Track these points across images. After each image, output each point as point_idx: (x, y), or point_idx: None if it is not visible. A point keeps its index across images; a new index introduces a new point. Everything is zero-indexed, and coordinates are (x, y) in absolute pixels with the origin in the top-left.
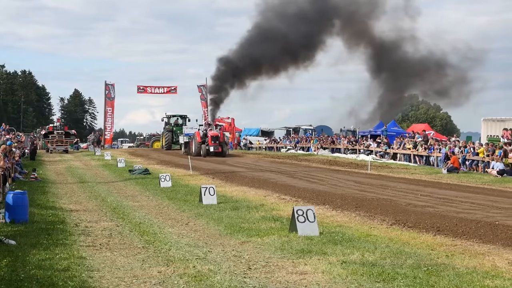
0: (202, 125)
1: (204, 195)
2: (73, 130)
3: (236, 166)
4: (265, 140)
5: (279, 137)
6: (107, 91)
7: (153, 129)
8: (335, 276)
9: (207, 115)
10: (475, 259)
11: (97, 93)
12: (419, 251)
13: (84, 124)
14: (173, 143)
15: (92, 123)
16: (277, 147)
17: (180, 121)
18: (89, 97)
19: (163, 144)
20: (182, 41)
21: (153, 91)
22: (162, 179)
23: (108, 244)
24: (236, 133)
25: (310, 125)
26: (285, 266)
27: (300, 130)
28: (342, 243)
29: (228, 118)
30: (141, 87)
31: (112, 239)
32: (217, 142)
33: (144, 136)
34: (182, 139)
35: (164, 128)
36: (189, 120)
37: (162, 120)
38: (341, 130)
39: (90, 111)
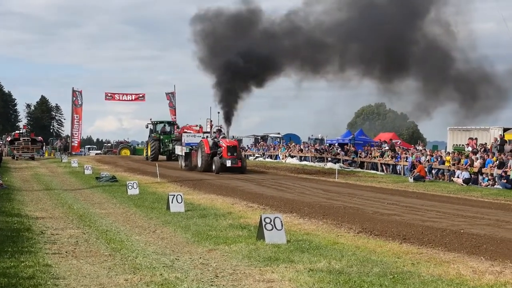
0: (207, 132)
1: (172, 202)
2: (39, 137)
3: (204, 174)
4: None
5: (247, 145)
6: (74, 98)
7: (121, 136)
8: (302, 284)
9: (210, 122)
10: (441, 267)
11: (64, 100)
12: (385, 259)
13: (51, 131)
14: (160, 153)
15: (59, 130)
16: (245, 155)
17: (168, 128)
18: (56, 104)
19: (148, 155)
20: (151, 48)
21: (121, 98)
22: (130, 187)
23: (74, 251)
24: None
25: (278, 133)
26: (252, 274)
27: (268, 138)
28: (309, 251)
29: (197, 125)
30: (109, 94)
31: (79, 247)
32: (235, 154)
33: (112, 143)
34: (180, 150)
35: (149, 136)
36: (178, 127)
37: (147, 127)
38: (309, 139)
39: (57, 117)
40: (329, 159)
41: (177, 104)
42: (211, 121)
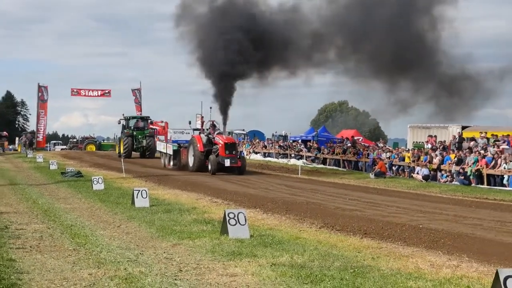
0: (197, 129)
1: (137, 198)
2: (4, 132)
3: (169, 170)
4: None
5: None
6: (40, 93)
7: (87, 132)
8: (265, 278)
9: (201, 118)
10: (400, 261)
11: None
12: (346, 254)
13: (16, 126)
14: (133, 150)
15: (25, 125)
16: None
17: (141, 123)
18: (22, 99)
19: (121, 151)
20: (118, 45)
21: (87, 94)
22: (95, 182)
23: (39, 246)
24: None
25: (243, 130)
26: (216, 268)
27: (233, 134)
28: (272, 246)
29: (162, 122)
30: (75, 90)
31: (43, 242)
32: (233, 152)
33: (77, 138)
34: (163, 147)
35: (122, 132)
36: (151, 123)
37: (119, 123)
38: (273, 135)
39: (22, 113)
40: (292, 155)
41: (143, 101)
42: (202, 116)
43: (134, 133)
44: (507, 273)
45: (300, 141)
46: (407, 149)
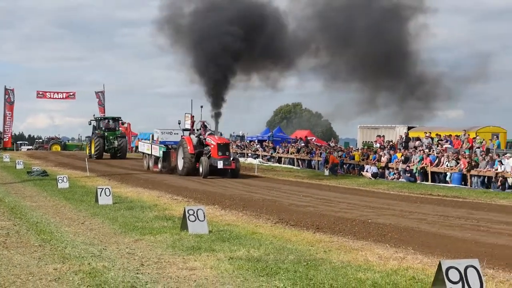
0: (187, 130)
1: (100, 195)
2: None
3: (132, 169)
4: None
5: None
6: (6, 96)
7: (52, 133)
8: (223, 271)
9: (191, 118)
10: (350, 254)
11: None
12: (300, 247)
13: None
14: (104, 151)
15: None
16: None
17: (112, 124)
18: None
19: (92, 152)
20: (82, 49)
21: (52, 96)
22: (60, 180)
23: (5, 242)
24: (132, 137)
25: None
26: (176, 262)
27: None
28: (230, 241)
29: (125, 123)
30: (40, 92)
31: (9, 238)
32: (227, 153)
33: (43, 139)
34: (147, 148)
35: (93, 133)
36: (122, 123)
37: (90, 124)
38: (230, 135)
39: None
40: (249, 154)
41: (106, 103)
42: (192, 116)
43: (105, 133)
44: (449, 264)
45: (256, 141)
46: (357, 149)
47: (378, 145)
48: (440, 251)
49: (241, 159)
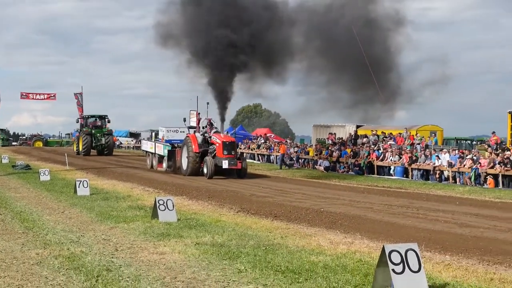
0: (193, 127)
1: (79, 187)
2: None
3: (108, 163)
4: (133, 140)
5: (145, 138)
6: None
7: (35, 130)
8: (190, 256)
9: (197, 115)
10: (304, 239)
11: None
12: (259, 234)
13: None
14: (92, 147)
15: None
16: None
17: (99, 122)
18: None
19: (80, 149)
20: (62, 54)
21: (34, 97)
22: (42, 174)
23: None
24: None
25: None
26: (147, 247)
27: None
28: (196, 228)
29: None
30: (24, 94)
31: None
32: (233, 152)
33: (27, 136)
34: (150, 147)
35: (81, 131)
36: (109, 121)
37: (77, 122)
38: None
39: None
40: None
41: (84, 103)
42: (198, 113)
43: (93, 131)
44: (391, 248)
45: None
46: (311, 145)
47: (330, 141)
48: (384, 236)
49: None
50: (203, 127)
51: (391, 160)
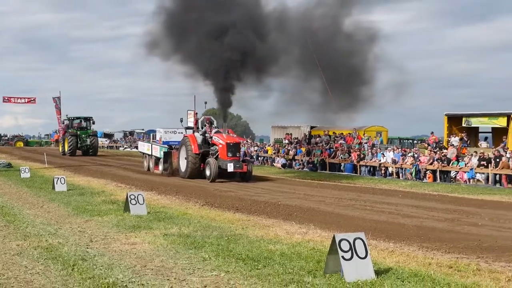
0: (190, 128)
1: (56, 183)
2: None
3: (84, 162)
4: (107, 141)
5: (118, 138)
6: None
7: (16, 131)
8: (158, 246)
9: (195, 115)
10: (263, 230)
11: None
12: (223, 225)
13: None
14: (77, 148)
15: None
16: (116, 146)
17: (84, 123)
18: None
19: (66, 150)
20: (41, 61)
21: (16, 101)
22: (22, 171)
23: None
24: None
25: (143, 129)
26: (120, 238)
27: (135, 133)
28: (165, 220)
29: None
30: (6, 98)
31: None
32: (237, 154)
33: (8, 136)
34: (147, 148)
35: (66, 132)
36: (93, 123)
37: (63, 123)
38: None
39: None
40: None
41: (62, 106)
42: (196, 113)
43: (78, 132)
44: (341, 237)
45: None
46: (269, 144)
47: (286, 141)
48: (335, 226)
49: None
50: (202, 126)
51: (341, 158)
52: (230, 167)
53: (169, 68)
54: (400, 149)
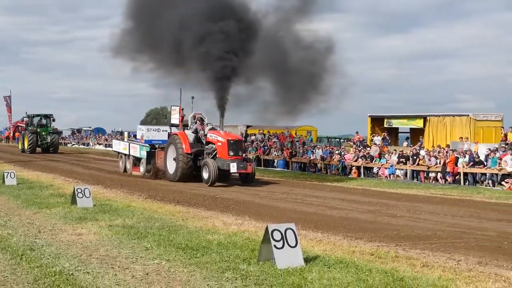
0: (175, 125)
1: (6, 178)
2: None
3: (33, 157)
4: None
5: (66, 136)
6: None
7: None
8: (103, 236)
9: (180, 111)
10: (202, 221)
11: None
12: (164, 217)
13: None
14: (37, 146)
15: None
16: (64, 143)
17: (44, 121)
18: None
19: (26, 147)
20: None
21: None
22: None
23: None
24: None
25: (89, 127)
26: (67, 229)
27: (82, 130)
28: (110, 212)
29: (23, 120)
30: None
31: None
32: (240, 153)
33: None
34: (123, 147)
35: (26, 129)
36: (53, 120)
37: (23, 120)
38: (112, 131)
39: None
40: None
41: (12, 105)
42: (181, 108)
43: (38, 130)
44: (273, 227)
45: (132, 135)
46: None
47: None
48: (269, 218)
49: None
50: (192, 123)
51: (275, 155)
52: (233, 168)
53: (136, 67)
54: (328, 147)
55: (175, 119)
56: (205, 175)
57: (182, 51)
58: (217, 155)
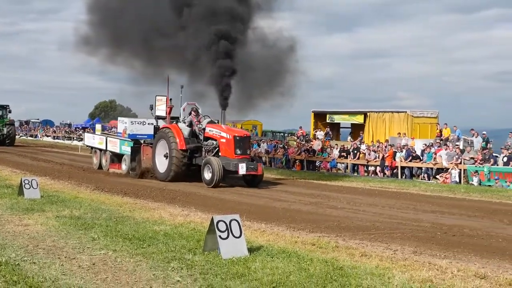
0: (163, 118)
1: None
2: None
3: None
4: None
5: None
6: None
7: None
8: (50, 227)
9: (168, 102)
10: (149, 212)
11: None
12: (111, 208)
13: None
14: None
15: None
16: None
17: (0, 112)
18: None
19: None
20: None
21: None
22: None
23: None
24: None
25: (38, 119)
26: (14, 220)
27: (30, 122)
28: (57, 203)
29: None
30: None
31: None
32: (248, 152)
33: None
34: (98, 142)
35: None
36: (9, 111)
37: None
38: (60, 123)
39: None
40: (74, 138)
41: None
42: (169, 99)
43: None
44: (219, 218)
45: (81, 128)
46: None
47: None
48: (214, 209)
49: (68, 142)
50: (186, 115)
51: None
52: (242, 169)
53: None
54: (272, 141)
55: (161, 110)
56: (207, 175)
57: (152, 41)
58: (220, 153)
